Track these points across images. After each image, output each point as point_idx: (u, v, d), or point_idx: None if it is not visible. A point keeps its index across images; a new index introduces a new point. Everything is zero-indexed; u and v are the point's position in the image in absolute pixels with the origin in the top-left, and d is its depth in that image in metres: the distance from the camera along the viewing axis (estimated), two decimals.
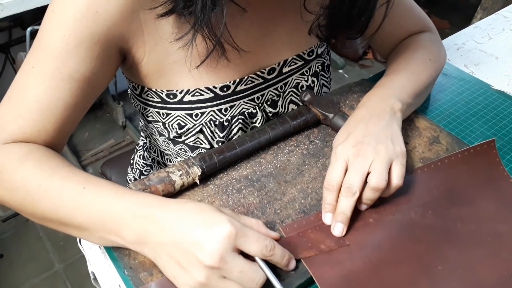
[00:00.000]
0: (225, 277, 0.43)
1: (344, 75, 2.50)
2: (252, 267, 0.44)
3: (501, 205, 0.59)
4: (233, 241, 0.43)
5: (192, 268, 0.43)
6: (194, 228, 0.44)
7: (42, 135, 0.54)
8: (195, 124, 0.65)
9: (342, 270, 0.49)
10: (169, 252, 0.45)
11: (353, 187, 0.52)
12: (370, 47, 2.59)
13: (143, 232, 0.46)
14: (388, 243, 0.53)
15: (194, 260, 0.43)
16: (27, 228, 1.66)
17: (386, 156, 0.53)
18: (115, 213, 0.47)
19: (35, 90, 0.53)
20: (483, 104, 0.77)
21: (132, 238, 0.46)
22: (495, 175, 0.63)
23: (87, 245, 0.56)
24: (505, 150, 0.68)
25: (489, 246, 0.54)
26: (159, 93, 0.63)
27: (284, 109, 0.71)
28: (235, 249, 0.44)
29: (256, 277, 0.44)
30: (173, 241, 0.44)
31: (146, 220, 0.46)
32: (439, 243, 0.54)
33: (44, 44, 0.53)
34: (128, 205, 0.47)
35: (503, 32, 0.99)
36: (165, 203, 0.47)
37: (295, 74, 0.70)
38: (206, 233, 0.43)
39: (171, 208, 0.46)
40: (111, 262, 0.53)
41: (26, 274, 1.52)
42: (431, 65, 0.69)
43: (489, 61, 0.89)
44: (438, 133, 0.68)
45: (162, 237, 0.45)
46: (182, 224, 0.44)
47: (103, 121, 2.12)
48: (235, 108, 0.66)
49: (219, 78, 0.62)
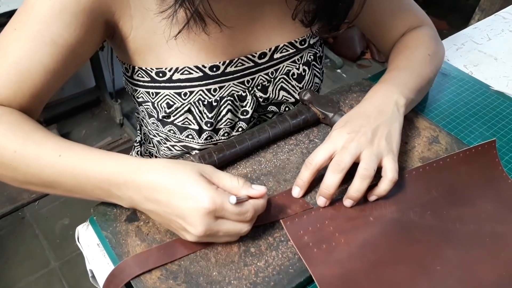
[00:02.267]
0: (214, 235, 0.48)
1: (342, 75, 2.50)
2: (235, 225, 0.48)
3: (500, 205, 0.60)
4: (213, 215, 0.46)
5: (183, 231, 0.48)
6: (176, 200, 0.46)
7: (18, 98, 0.54)
8: (184, 104, 0.65)
9: (341, 270, 0.49)
10: (158, 217, 0.50)
11: (342, 163, 0.54)
12: (369, 47, 2.59)
13: (131, 200, 0.49)
14: (387, 244, 0.53)
15: (182, 228, 0.48)
16: (23, 226, 1.65)
17: (378, 150, 0.55)
18: (99, 183, 0.49)
19: (15, 51, 0.53)
20: (482, 105, 0.77)
21: (124, 204, 0.51)
22: (494, 176, 0.63)
23: (86, 243, 0.56)
24: (504, 150, 0.69)
25: (488, 247, 0.54)
26: (148, 72, 0.63)
27: (275, 96, 0.72)
28: (216, 218, 0.47)
29: (240, 231, 0.49)
30: (159, 210, 0.48)
31: (130, 189, 0.48)
32: (438, 243, 0.54)
33: (29, 7, 0.53)
34: (110, 174, 0.49)
35: (502, 33, 0.99)
36: (143, 167, 0.49)
37: (287, 61, 0.71)
38: (188, 207, 0.46)
39: (150, 174, 0.48)
40: (110, 260, 0.53)
41: (22, 271, 1.52)
42: (431, 60, 0.70)
43: (488, 61, 0.90)
44: (437, 133, 0.68)
45: (147, 205, 0.48)
46: (163, 194, 0.47)
47: (100, 119, 2.11)
48: (224, 90, 0.66)
49: (208, 58, 0.63)
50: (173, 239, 0.52)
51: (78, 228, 0.58)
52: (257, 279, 0.49)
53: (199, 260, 0.51)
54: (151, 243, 0.52)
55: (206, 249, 0.52)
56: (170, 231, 0.53)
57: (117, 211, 0.55)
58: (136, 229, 0.53)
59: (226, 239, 0.50)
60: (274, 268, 0.50)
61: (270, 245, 0.52)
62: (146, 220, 0.54)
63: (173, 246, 0.51)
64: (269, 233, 0.54)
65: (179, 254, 0.51)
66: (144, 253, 0.50)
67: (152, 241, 0.52)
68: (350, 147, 0.55)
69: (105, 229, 0.53)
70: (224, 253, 0.51)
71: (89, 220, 0.57)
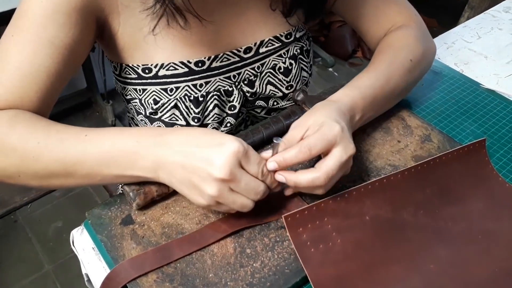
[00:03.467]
0: (233, 190, 0.48)
1: (334, 74, 2.51)
2: (254, 180, 0.49)
3: (491, 203, 0.60)
4: (240, 157, 0.47)
5: (204, 183, 0.47)
6: (204, 147, 0.48)
7: (26, 103, 0.54)
8: (170, 99, 0.65)
9: (337, 271, 0.49)
10: (181, 171, 0.48)
11: (312, 150, 0.50)
12: (360, 45, 2.61)
13: (157, 157, 0.49)
14: (381, 244, 0.53)
15: (205, 176, 0.46)
16: (16, 229, 1.64)
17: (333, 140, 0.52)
18: (126, 149, 0.50)
19: (15, 57, 0.53)
20: (473, 103, 0.78)
21: (148, 166, 0.49)
22: (485, 174, 0.64)
23: (81, 247, 0.56)
24: (494, 148, 0.69)
25: (480, 244, 0.55)
26: (135, 69, 0.64)
27: (262, 90, 0.72)
28: (240, 165, 0.48)
29: (258, 188, 0.49)
30: (185, 159, 0.47)
31: (158, 147, 0.49)
32: (430, 242, 0.54)
33: (23, 12, 0.54)
34: (137, 138, 0.50)
35: (491, 31, 1.00)
36: (172, 129, 0.51)
37: (273, 55, 0.71)
38: (215, 150, 0.47)
39: (180, 131, 0.50)
40: (105, 264, 0.52)
41: (16, 275, 1.50)
42: (413, 66, 0.67)
43: (478, 60, 0.91)
44: (429, 132, 0.69)
45: (174, 157, 0.48)
46: (192, 144, 0.48)
47: (92, 120, 2.10)
48: (211, 85, 0.67)
49: (193, 53, 0.64)
50: (169, 241, 0.52)
51: (73, 232, 0.58)
52: (253, 280, 0.49)
53: (195, 262, 0.51)
54: (146, 246, 0.52)
55: (202, 251, 0.52)
56: (166, 233, 0.53)
57: (111, 214, 0.55)
58: (131, 232, 0.53)
59: (241, 200, 0.48)
60: (270, 268, 0.50)
61: (265, 246, 0.53)
62: (142, 223, 0.54)
63: (169, 248, 0.51)
64: (264, 233, 0.54)
65: (175, 257, 0.51)
66: (140, 256, 0.50)
67: (148, 243, 0.52)
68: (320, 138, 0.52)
69: (100, 233, 0.53)
70: (220, 255, 0.52)
71: (83, 224, 0.57)
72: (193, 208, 0.56)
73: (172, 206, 0.57)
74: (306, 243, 0.51)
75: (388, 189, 0.56)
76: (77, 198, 1.73)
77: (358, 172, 0.62)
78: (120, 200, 0.57)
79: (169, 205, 0.57)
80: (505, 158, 0.68)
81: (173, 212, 0.56)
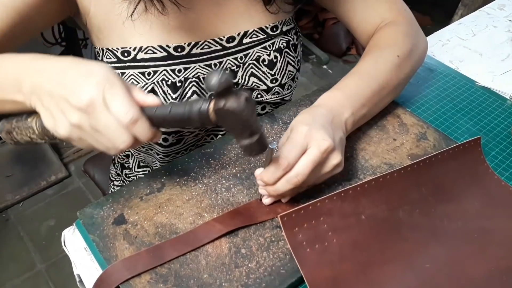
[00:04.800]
0: (95, 129, 0.45)
1: (328, 71, 2.50)
2: (119, 129, 0.44)
3: (487, 201, 0.60)
4: (102, 90, 0.44)
5: (67, 110, 0.45)
6: (72, 75, 0.46)
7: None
8: (147, 83, 0.65)
9: (332, 272, 0.49)
10: (50, 98, 0.46)
11: (289, 158, 0.52)
12: (354, 42, 2.60)
13: (33, 82, 0.48)
14: (377, 244, 0.52)
15: (67, 104, 0.45)
16: (7, 228, 1.62)
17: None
18: (17, 71, 0.50)
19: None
20: (468, 100, 0.78)
21: (28, 89, 0.48)
22: (480, 172, 0.64)
23: (72, 247, 0.55)
24: (490, 146, 0.69)
25: (476, 243, 0.55)
26: (115, 52, 0.64)
27: (245, 81, 0.71)
28: (105, 102, 0.44)
29: (117, 140, 0.45)
30: (54, 87, 0.46)
31: (37, 73, 0.48)
32: (426, 241, 0.54)
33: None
34: (25, 62, 0.50)
35: (486, 28, 1.00)
36: (55, 58, 0.49)
37: (257, 47, 0.70)
38: (79, 79, 0.45)
39: (59, 60, 0.49)
40: (98, 265, 0.52)
41: (7, 274, 1.49)
42: (401, 64, 0.66)
43: (473, 57, 0.90)
44: (425, 130, 0.69)
45: (46, 84, 0.47)
46: (64, 73, 0.46)
47: None
48: (190, 71, 0.66)
49: (172, 38, 0.64)
50: (162, 241, 0.51)
51: (64, 232, 0.57)
52: (248, 281, 0.49)
53: (189, 263, 0.50)
54: (139, 246, 0.51)
55: (196, 251, 0.51)
56: (159, 233, 0.52)
57: (104, 213, 0.54)
58: (124, 232, 0.52)
59: (106, 143, 0.45)
60: (265, 269, 0.50)
61: (261, 246, 0.52)
62: (135, 223, 0.53)
63: (162, 249, 0.51)
64: (260, 233, 0.53)
65: (169, 257, 0.50)
66: (133, 257, 0.50)
67: (141, 244, 0.51)
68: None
69: (92, 233, 0.52)
70: (214, 255, 0.51)
71: (75, 223, 0.56)
72: (187, 208, 0.56)
73: (165, 206, 0.56)
74: (302, 243, 0.50)
75: (384, 188, 0.56)
76: (70, 196, 1.72)
77: (354, 170, 0.62)
78: (113, 199, 0.56)
79: (162, 205, 0.56)
80: (500, 156, 0.68)
81: (166, 212, 0.55)
